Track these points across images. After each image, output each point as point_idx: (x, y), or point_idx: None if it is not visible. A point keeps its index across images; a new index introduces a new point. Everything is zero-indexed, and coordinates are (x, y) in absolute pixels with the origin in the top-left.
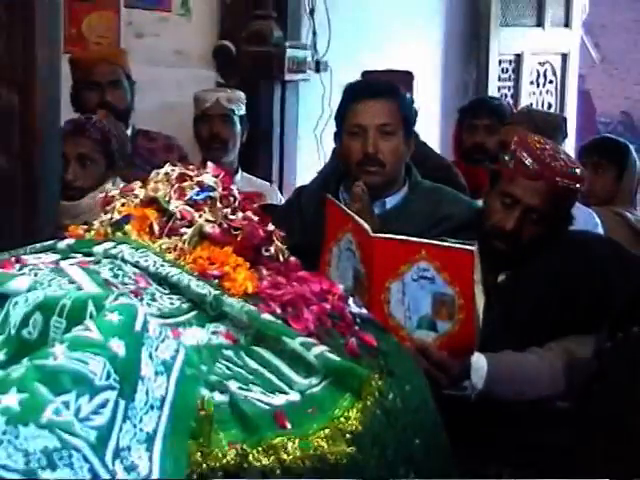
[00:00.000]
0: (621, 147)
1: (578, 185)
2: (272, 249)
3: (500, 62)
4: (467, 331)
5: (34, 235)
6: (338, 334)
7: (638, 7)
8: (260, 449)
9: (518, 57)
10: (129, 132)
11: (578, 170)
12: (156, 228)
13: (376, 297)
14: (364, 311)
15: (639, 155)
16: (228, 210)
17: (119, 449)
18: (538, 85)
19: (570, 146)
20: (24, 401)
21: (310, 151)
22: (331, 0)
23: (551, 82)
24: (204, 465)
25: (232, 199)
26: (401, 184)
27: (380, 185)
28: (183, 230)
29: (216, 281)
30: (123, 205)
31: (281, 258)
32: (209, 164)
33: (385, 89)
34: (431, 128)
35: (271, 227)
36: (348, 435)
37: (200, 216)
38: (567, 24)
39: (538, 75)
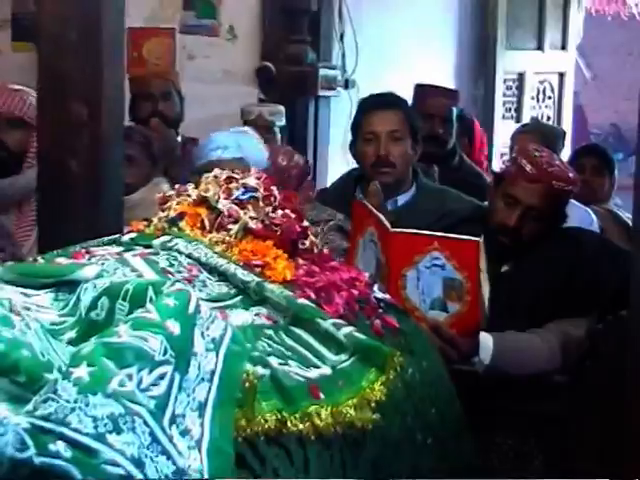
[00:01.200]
0: (610, 154)
1: (571, 187)
2: (307, 242)
3: (505, 80)
4: (474, 311)
5: (101, 229)
6: (364, 316)
7: (625, 31)
8: (297, 416)
9: (521, 76)
10: (179, 139)
11: (571, 174)
12: (207, 224)
13: (394, 283)
14: (387, 296)
15: (629, 160)
16: (269, 208)
17: (175, 416)
18: (538, 101)
19: (566, 153)
20: (93, 373)
21: (340, 157)
22: (358, 27)
23: (549, 98)
24: (248, 430)
25: (273, 199)
26: (409, 185)
27: (391, 184)
28: (230, 226)
29: (259, 270)
30: (178, 204)
31: (315, 250)
32: (252, 168)
33: (394, 101)
34: None
35: (306, 223)
36: (373, 404)
37: (245, 213)
38: (564, 47)
39: (538, 92)
